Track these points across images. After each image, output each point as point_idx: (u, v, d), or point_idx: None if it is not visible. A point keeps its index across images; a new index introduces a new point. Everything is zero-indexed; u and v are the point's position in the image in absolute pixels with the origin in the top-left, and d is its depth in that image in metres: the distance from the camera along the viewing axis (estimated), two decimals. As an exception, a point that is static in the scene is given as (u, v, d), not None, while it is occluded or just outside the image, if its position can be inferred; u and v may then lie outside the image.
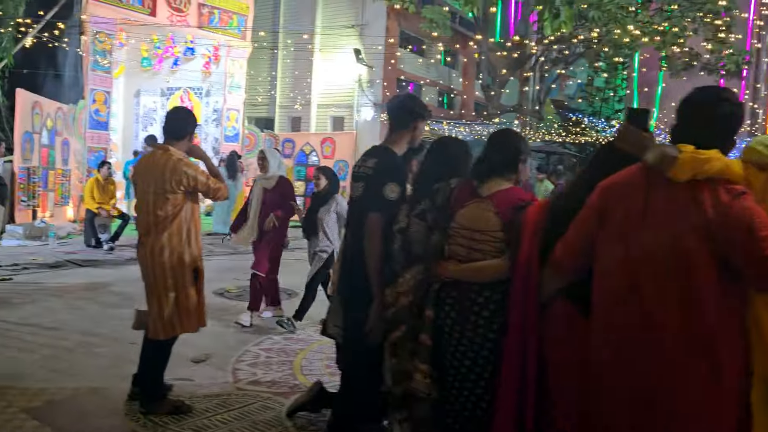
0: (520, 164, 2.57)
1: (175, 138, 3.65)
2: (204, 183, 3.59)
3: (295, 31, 18.13)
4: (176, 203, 3.53)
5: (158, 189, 3.51)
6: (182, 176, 3.49)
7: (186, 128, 3.69)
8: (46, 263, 8.44)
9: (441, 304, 2.46)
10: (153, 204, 3.54)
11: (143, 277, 3.72)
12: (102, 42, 13.97)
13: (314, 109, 18.01)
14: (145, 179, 3.58)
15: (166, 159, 3.53)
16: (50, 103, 12.16)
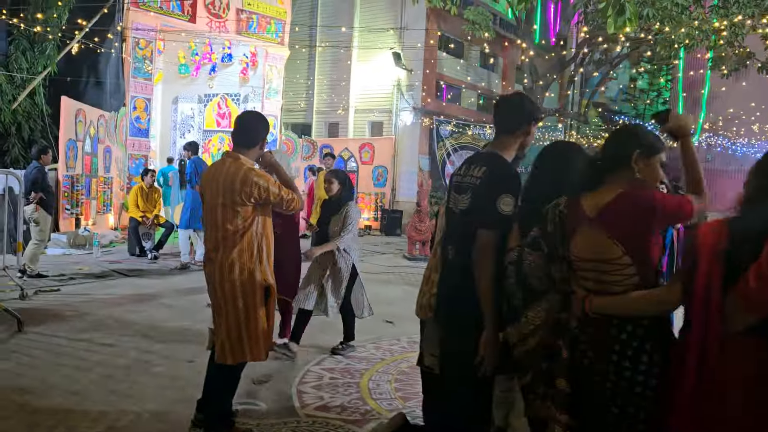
0: (637, 160, 2.14)
1: (245, 146, 3.38)
2: (276, 194, 3.30)
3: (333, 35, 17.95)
4: (246, 216, 3.26)
5: (227, 201, 3.24)
6: (253, 187, 3.21)
7: (258, 135, 3.41)
8: (92, 273, 8.30)
9: (575, 343, 2.12)
10: (222, 217, 3.27)
11: (210, 296, 3.45)
12: (142, 49, 13.93)
13: (352, 114, 17.76)
14: (214, 190, 3.31)
15: (236, 169, 3.26)
16: (93, 111, 12.12)
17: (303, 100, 19.12)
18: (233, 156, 3.35)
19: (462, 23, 17.47)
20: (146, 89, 14.14)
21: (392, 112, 17.01)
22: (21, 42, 12.92)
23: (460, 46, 18.54)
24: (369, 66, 17.39)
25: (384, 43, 17.03)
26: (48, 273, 8.04)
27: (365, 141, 16.80)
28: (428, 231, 10.87)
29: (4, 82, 12.39)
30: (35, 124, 13.12)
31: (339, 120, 18.16)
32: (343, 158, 16.93)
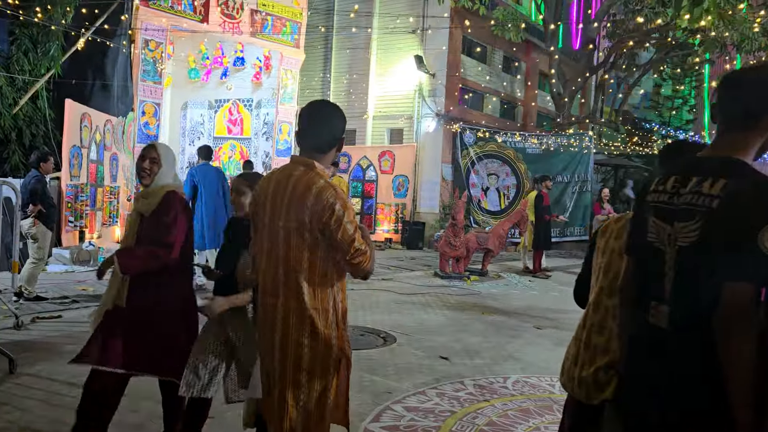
0: None
1: (318, 149, 2.45)
2: (350, 235, 2.28)
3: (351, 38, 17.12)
4: (315, 247, 2.34)
5: (294, 223, 2.33)
6: (326, 211, 2.28)
7: (335, 133, 2.50)
8: (96, 294, 7.40)
9: None
10: (284, 245, 2.35)
11: (260, 354, 2.53)
12: (152, 51, 13.10)
13: (370, 120, 16.90)
14: (275, 208, 2.38)
15: (308, 181, 2.34)
16: (99, 115, 11.29)
17: (318, 106, 18.27)
18: (304, 163, 2.43)
19: (485, 25, 16.66)
20: (155, 93, 13.29)
21: (413, 119, 16.14)
22: (23, 42, 12.11)
23: (483, 49, 17.68)
24: (388, 70, 16.55)
25: (404, 46, 16.19)
26: (48, 295, 7.16)
27: (385, 149, 15.93)
28: (463, 246, 9.97)
29: (4, 85, 11.56)
30: (37, 130, 12.29)
31: (356, 127, 17.29)
32: (362, 167, 16.06)
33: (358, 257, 2.30)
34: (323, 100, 2.56)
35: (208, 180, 8.33)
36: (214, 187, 8.32)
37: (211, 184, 8.31)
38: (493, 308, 7.89)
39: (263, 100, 16.91)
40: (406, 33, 16.06)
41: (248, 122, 17.33)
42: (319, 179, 2.34)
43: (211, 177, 8.40)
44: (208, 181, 8.32)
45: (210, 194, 8.28)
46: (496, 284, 9.91)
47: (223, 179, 8.42)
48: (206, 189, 8.28)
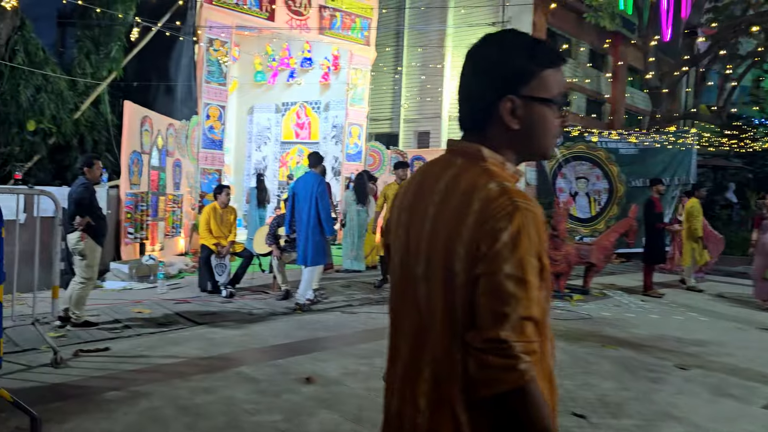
0: None
1: (483, 125, 1.31)
2: (503, 301, 1.10)
3: (423, 35, 16.00)
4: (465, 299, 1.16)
5: (440, 252, 1.18)
6: (485, 239, 1.14)
7: (522, 87, 1.31)
8: (153, 319, 6.50)
9: None
10: (424, 286, 1.22)
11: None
12: (217, 51, 12.34)
13: (445, 121, 15.70)
14: (415, 223, 1.30)
15: (470, 183, 1.22)
16: (161, 119, 10.55)
17: (389, 107, 17.22)
18: (463, 151, 1.32)
19: (580, 10, 15.19)
20: (220, 95, 12.53)
21: (493, 119, 14.83)
22: (85, 44, 11.56)
23: (568, 43, 16.20)
24: (465, 67, 15.31)
25: (483, 40, 14.91)
26: (99, 319, 6.30)
27: (463, 151, 14.69)
28: (565, 260, 8.63)
29: (66, 89, 11.00)
30: (99, 136, 11.72)
31: (430, 128, 16.14)
32: (437, 171, 14.86)
33: (497, 355, 1.10)
34: (487, 36, 1.35)
35: (299, 187, 7.48)
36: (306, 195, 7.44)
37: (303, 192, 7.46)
38: (615, 339, 6.53)
39: (332, 102, 16.00)
40: (484, 26, 14.78)
41: (316, 125, 16.46)
42: (488, 179, 1.20)
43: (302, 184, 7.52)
44: (299, 188, 7.47)
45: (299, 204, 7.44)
46: (605, 305, 8.50)
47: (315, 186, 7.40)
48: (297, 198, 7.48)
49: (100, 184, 9.03)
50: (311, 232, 7.26)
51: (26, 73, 10.46)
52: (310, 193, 7.28)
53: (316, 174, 7.50)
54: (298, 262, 7.51)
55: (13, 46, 10.42)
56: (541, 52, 1.29)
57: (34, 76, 10.56)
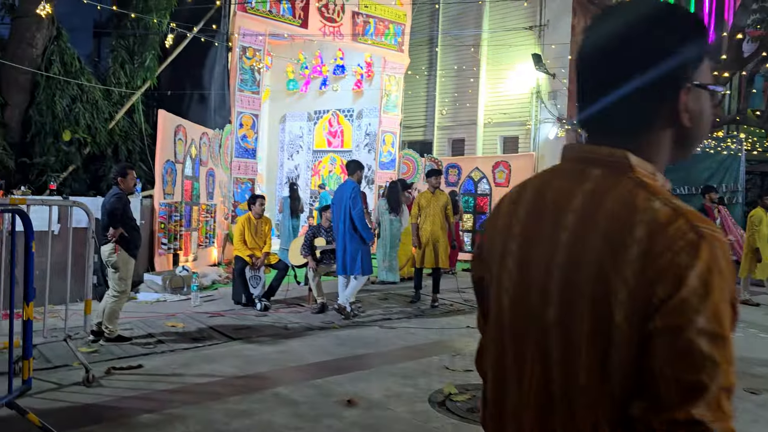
0: None
1: (636, 126, 0.99)
2: (697, 366, 0.80)
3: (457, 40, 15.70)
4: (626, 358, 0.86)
5: (606, 286, 0.88)
6: (664, 280, 0.83)
7: (680, 78, 1.00)
8: (187, 333, 6.30)
9: None
10: (558, 340, 0.93)
11: None
12: (250, 59, 12.22)
13: (480, 128, 15.34)
14: (551, 247, 0.97)
15: (625, 202, 0.91)
16: (194, 128, 10.44)
17: (422, 114, 16.94)
18: (603, 160, 0.99)
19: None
20: (254, 104, 12.40)
21: (530, 125, 14.44)
22: (120, 54, 11.53)
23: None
24: (501, 72, 14.96)
25: (519, 44, 14.56)
26: (132, 333, 6.12)
27: (500, 158, 14.30)
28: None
29: (100, 99, 10.96)
30: (134, 145, 11.65)
31: (464, 136, 15.80)
32: (473, 179, 14.51)
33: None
34: (639, 13, 1.02)
35: (336, 196, 7.34)
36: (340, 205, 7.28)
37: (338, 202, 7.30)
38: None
39: (365, 110, 15.78)
40: (520, 30, 14.43)
41: (349, 133, 16.27)
42: (648, 196, 0.91)
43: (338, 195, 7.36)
44: (336, 197, 7.33)
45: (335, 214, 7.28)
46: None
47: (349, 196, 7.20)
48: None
49: (134, 194, 8.94)
50: (348, 240, 7.03)
51: (62, 83, 10.44)
52: (344, 202, 7.06)
53: (351, 182, 7.27)
54: (337, 273, 7.28)
55: (49, 56, 10.42)
56: (704, 30, 0.99)
57: (70, 86, 10.54)
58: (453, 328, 6.99)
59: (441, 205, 8.43)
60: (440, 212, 8.40)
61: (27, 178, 10.58)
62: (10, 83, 10.24)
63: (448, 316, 7.75)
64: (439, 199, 8.52)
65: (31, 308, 3.41)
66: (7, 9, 10.47)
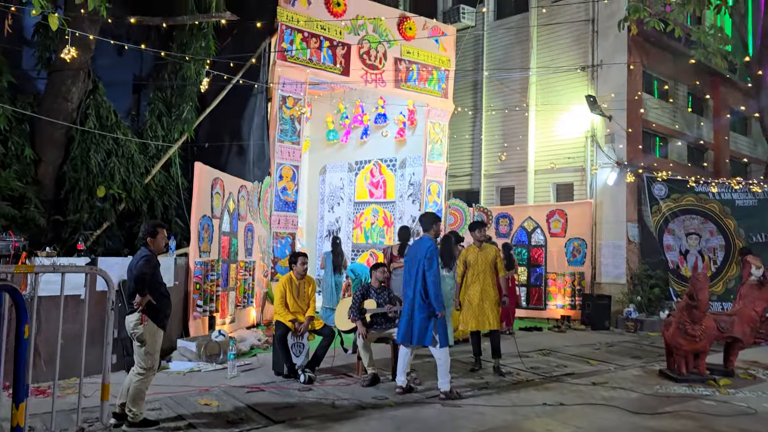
0: None
1: None
2: None
3: (502, 84, 15.05)
4: None
5: None
6: None
7: None
8: (221, 414, 5.48)
9: None
10: None
11: None
12: (290, 108, 11.74)
13: (531, 175, 14.50)
14: None
15: None
16: (232, 181, 9.87)
17: (468, 161, 16.20)
18: None
19: (664, 56, 13.94)
20: (294, 155, 11.85)
21: (585, 170, 13.53)
22: (157, 106, 11.16)
23: (663, 85, 14.88)
24: (551, 116, 14.19)
25: (570, 86, 13.82)
26: (160, 414, 5.32)
27: (554, 207, 13.38)
28: (705, 336, 7.15)
29: (136, 153, 10.53)
30: (170, 200, 11.15)
31: (514, 183, 14.96)
32: (526, 230, 13.59)
33: None
34: None
35: (409, 254, 6.52)
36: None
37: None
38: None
39: (408, 159, 15.12)
40: (572, 71, 13.71)
41: (392, 184, 15.58)
42: None
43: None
44: (409, 254, 6.51)
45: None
46: (763, 391, 6.90)
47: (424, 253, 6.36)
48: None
49: (168, 253, 8.31)
50: (417, 308, 6.18)
51: (97, 138, 10.06)
52: (419, 261, 6.22)
53: (429, 239, 6.44)
54: (397, 339, 6.40)
55: (84, 110, 10.08)
56: None
57: (105, 140, 10.15)
58: (526, 406, 6.01)
59: (490, 261, 7.53)
60: (490, 268, 7.49)
61: (59, 236, 10.11)
62: (45, 139, 9.89)
63: (517, 388, 6.77)
64: (488, 254, 7.63)
65: (21, 412, 2.65)
66: (44, 63, 10.21)
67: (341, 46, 12.45)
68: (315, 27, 12.03)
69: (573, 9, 13.86)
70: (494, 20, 15.80)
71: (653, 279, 12.51)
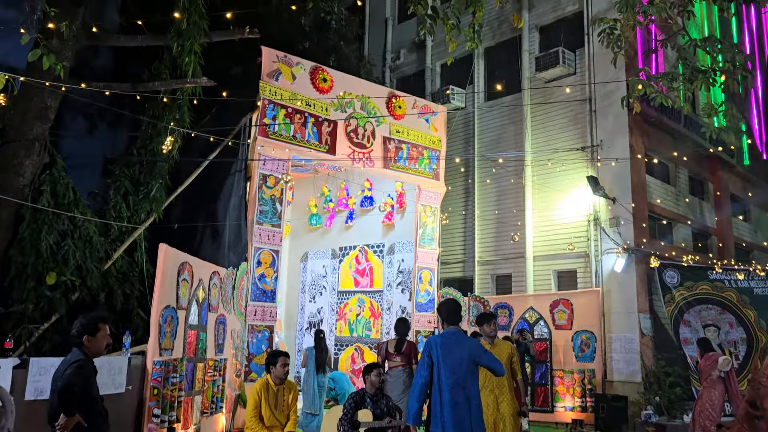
0: None
1: None
2: None
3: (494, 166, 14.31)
4: None
5: None
6: None
7: None
8: None
9: None
10: None
11: None
12: (270, 188, 10.74)
13: (530, 261, 13.49)
14: None
15: None
16: (203, 266, 8.62)
17: (460, 247, 15.19)
18: None
19: (665, 139, 13.38)
20: (274, 239, 10.73)
21: (589, 256, 12.56)
22: (123, 184, 10.06)
23: (664, 168, 14.26)
24: (550, 199, 13.36)
25: (569, 167, 13.11)
26: None
27: (559, 296, 12.26)
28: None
29: (96, 235, 9.32)
30: (132, 289, 9.85)
31: (511, 271, 13.92)
32: (528, 321, 12.41)
33: None
34: None
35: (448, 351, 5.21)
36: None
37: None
38: None
39: (397, 244, 14.05)
40: (572, 150, 13.03)
41: (379, 271, 14.41)
42: None
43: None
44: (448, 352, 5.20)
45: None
46: None
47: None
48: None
49: (122, 352, 6.98)
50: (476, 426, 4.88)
51: (51, 216, 8.87)
52: (467, 362, 4.96)
53: (469, 337, 5.28)
54: None
55: (38, 186, 8.95)
56: None
57: (60, 220, 8.96)
58: None
59: (505, 361, 6.27)
60: (506, 371, 6.17)
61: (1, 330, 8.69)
62: (-11, 219, 8.69)
63: None
64: (502, 352, 6.42)
65: None
66: (-4, 133, 9.19)
67: (327, 123, 11.64)
68: (299, 103, 11.25)
69: (569, 88, 13.37)
70: (485, 101, 15.28)
71: (671, 377, 11.27)
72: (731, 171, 15.77)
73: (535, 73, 13.84)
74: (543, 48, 14.23)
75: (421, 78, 16.90)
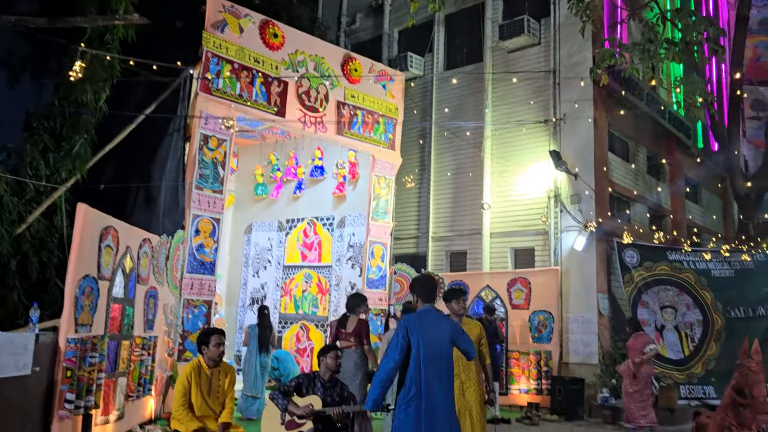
0: None
1: None
2: None
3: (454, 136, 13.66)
4: None
5: None
6: None
7: None
8: None
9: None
10: None
11: None
12: (212, 150, 9.77)
13: (486, 238, 12.93)
14: None
15: None
16: (131, 232, 7.62)
17: (414, 223, 14.52)
18: None
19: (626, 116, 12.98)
20: (215, 206, 9.79)
21: (548, 234, 12.09)
22: (41, 138, 8.86)
23: (624, 145, 13.90)
24: (509, 173, 12.81)
25: (530, 141, 12.57)
26: None
27: (516, 275, 11.76)
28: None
29: (6, 194, 8.16)
30: (50, 256, 8.73)
31: (466, 247, 13.35)
32: (483, 300, 11.88)
33: None
34: None
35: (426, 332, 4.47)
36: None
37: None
38: None
39: (348, 217, 13.26)
40: (534, 123, 12.47)
41: (328, 245, 13.60)
42: None
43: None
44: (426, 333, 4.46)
45: None
46: None
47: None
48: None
49: (28, 327, 6.00)
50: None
51: (-48, 173, 7.68)
52: (447, 344, 4.30)
53: (446, 317, 4.62)
54: None
55: (-63, 138, 7.74)
56: None
57: (-37, 178, 7.78)
58: None
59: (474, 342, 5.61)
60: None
61: None
62: None
63: None
64: (470, 332, 5.73)
65: None
66: None
67: (277, 82, 10.68)
68: (247, 59, 10.26)
69: (532, 59, 12.77)
70: (444, 69, 14.55)
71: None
72: (686, 151, 15.59)
73: (498, 42, 13.18)
74: (507, 16, 13.56)
75: (378, 44, 16.02)
